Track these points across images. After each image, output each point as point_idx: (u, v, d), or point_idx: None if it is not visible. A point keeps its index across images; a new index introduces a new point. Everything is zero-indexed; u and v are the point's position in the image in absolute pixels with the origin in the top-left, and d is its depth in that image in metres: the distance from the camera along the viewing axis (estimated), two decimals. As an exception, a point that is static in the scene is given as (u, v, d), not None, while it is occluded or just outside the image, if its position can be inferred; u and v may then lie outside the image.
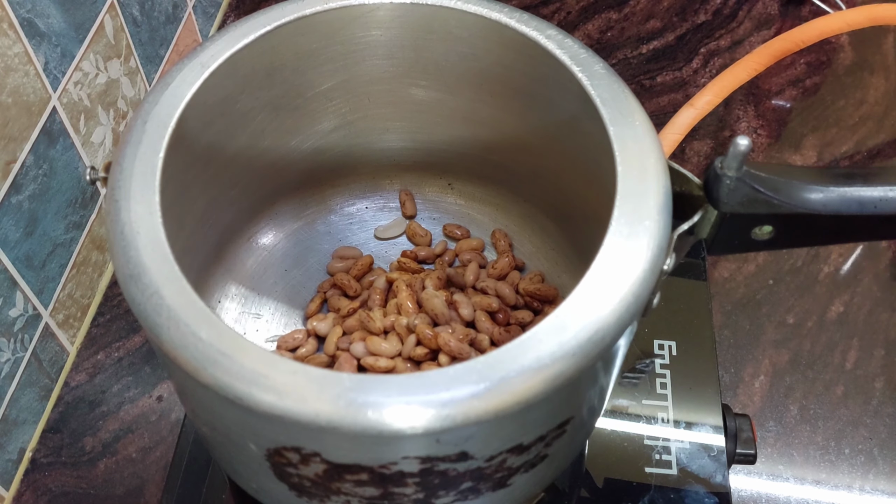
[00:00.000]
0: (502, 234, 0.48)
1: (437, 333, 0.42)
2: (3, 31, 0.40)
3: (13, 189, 0.43)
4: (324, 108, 0.44)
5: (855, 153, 0.63)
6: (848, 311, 0.55)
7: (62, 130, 0.47)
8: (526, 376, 0.27)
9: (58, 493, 0.47)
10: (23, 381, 0.47)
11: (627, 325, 0.29)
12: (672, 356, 0.48)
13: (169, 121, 0.33)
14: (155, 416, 0.49)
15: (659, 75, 0.67)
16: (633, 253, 0.30)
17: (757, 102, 0.66)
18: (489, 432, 0.29)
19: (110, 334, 0.53)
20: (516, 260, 0.48)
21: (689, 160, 0.62)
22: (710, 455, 0.45)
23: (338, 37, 0.40)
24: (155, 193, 0.31)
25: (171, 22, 0.59)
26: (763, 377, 0.52)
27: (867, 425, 0.50)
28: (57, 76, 0.45)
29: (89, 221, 0.51)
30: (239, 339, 0.28)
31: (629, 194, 0.31)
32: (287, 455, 0.30)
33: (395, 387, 0.27)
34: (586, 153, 0.37)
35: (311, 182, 0.48)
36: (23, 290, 0.45)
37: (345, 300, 0.46)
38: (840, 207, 0.33)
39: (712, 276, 0.56)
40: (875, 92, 0.67)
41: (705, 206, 0.33)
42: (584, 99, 0.35)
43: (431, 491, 0.32)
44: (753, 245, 0.35)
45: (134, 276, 0.29)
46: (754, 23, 0.72)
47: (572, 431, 0.34)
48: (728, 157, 0.32)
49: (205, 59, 0.36)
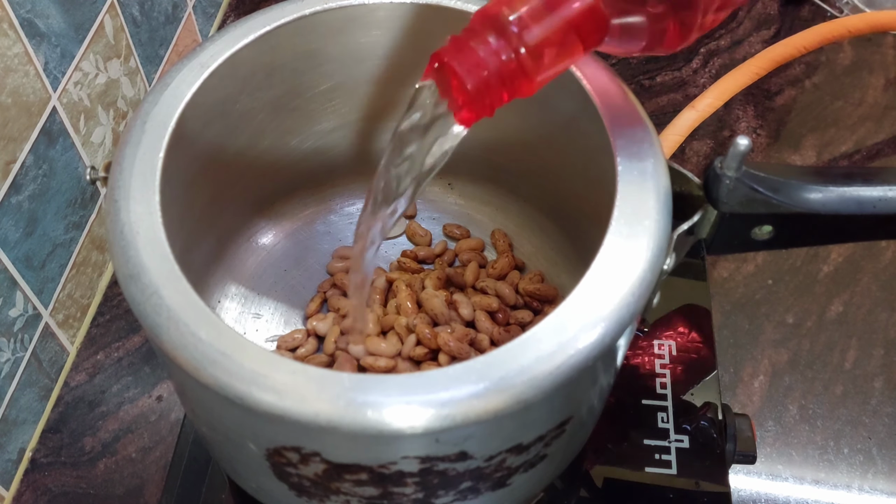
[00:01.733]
0: (502, 234, 0.49)
1: (436, 333, 0.42)
2: (3, 31, 0.40)
3: (13, 189, 0.43)
4: (324, 108, 0.44)
5: (854, 153, 0.63)
6: (847, 311, 0.55)
7: (62, 130, 0.47)
8: (526, 376, 0.27)
9: (58, 493, 0.47)
10: (23, 381, 0.47)
11: (627, 325, 0.29)
12: (672, 356, 0.48)
13: (169, 121, 0.33)
14: (155, 416, 0.49)
15: (659, 75, 0.68)
16: (633, 253, 0.30)
17: (756, 102, 0.66)
18: (489, 432, 0.29)
19: (110, 334, 0.53)
20: (516, 260, 0.48)
21: (689, 160, 0.62)
22: (710, 455, 0.45)
23: (338, 37, 0.40)
24: (155, 193, 0.31)
25: (170, 22, 0.59)
26: (762, 377, 0.52)
27: (866, 425, 0.50)
28: (57, 76, 0.45)
29: (89, 221, 0.51)
30: (239, 338, 0.28)
31: (629, 194, 0.31)
32: (287, 455, 0.30)
33: (395, 387, 0.27)
34: (586, 153, 0.37)
35: (311, 182, 0.48)
36: (23, 290, 0.45)
37: (345, 300, 0.46)
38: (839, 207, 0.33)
39: (712, 276, 0.56)
40: (874, 92, 0.67)
41: (705, 206, 0.33)
42: (584, 99, 0.35)
43: (431, 491, 0.32)
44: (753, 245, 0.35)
45: (134, 276, 0.29)
46: (754, 23, 0.72)
47: (572, 431, 0.34)
48: (728, 157, 0.32)
49: (205, 59, 0.36)
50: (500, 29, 0.28)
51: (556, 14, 0.28)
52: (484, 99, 0.29)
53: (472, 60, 0.28)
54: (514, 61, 0.28)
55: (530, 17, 0.28)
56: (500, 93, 0.29)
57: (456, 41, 0.29)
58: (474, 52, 0.28)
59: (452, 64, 0.29)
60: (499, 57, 0.28)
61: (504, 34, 0.28)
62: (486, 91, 0.29)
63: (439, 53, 0.29)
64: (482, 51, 0.28)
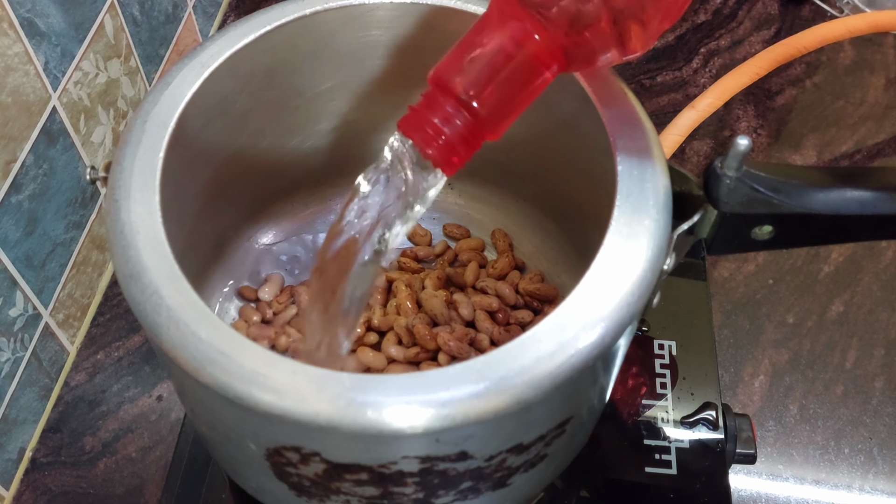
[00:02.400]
0: (502, 233, 0.48)
1: (436, 333, 0.42)
2: (3, 30, 0.40)
3: (13, 189, 0.43)
4: (324, 108, 0.44)
5: (855, 153, 0.63)
6: (848, 311, 0.55)
7: (62, 130, 0.47)
8: (526, 376, 0.27)
9: (58, 493, 0.47)
10: (23, 381, 0.47)
11: (627, 325, 0.29)
12: (672, 356, 0.48)
13: (169, 121, 0.33)
14: (155, 416, 0.49)
15: (659, 75, 0.67)
16: (633, 253, 0.30)
17: (757, 102, 0.66)
18: (489, 432, 0.29)
19: (110, 334, 0.53)
20: (516, 259, 0.48)
21: (689, 160, 0.62)
22: (710, 455, 0.45)
23: (338, 37, 0.40)
24: (155, 193, 0.31)
25: (171, 22, 0.59)
26: (763, 377, 0.52)
27: (867, 425, 0.50)
28: (57, 76, 0.45)
29: (89, 221, 0.51)
30: (239, 338, 0.28)
31: (629, 194, 0.31)
32: (287, 455, 0.30)
33: (395, 386, 0.27)
34: (586, 153, 0.37)
35: (311, 182, 0.48)
36: (23, 290, 0.45)
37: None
38: (840, 207, 0.33)
39: (712, 276, 0.56)
40: (875, 92, 0.67)
41: (705, 206, 0.33)
42: (584, 99, 0.35)
43: (431, 490, 0.32)
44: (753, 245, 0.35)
45: (134, 275, 0.29)
46: (754, 23, 0.72)
47: (572, 431, 0.34)
48: (728, 157, 0.32)
49: (205, 59, 0.36)
50: (451, 93, 0.31)
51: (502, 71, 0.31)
52: (449, 158, 0.32)
53: (427, 131, 0.31)
54: (471, 121, 0.31)
55: (478, 80, 0.31)
56: (463, 150, 0.32)
57: (414, 112, 0.32)
58: (430, 122, 0.31)
59: (412, 136, 0.32)
60: (453, 122, 0.31)
61: (456, 98, 0.31)
62: (449, 152, 0.32)
63: (401, 124, 0.32)
64: (437, 119, 0.31)
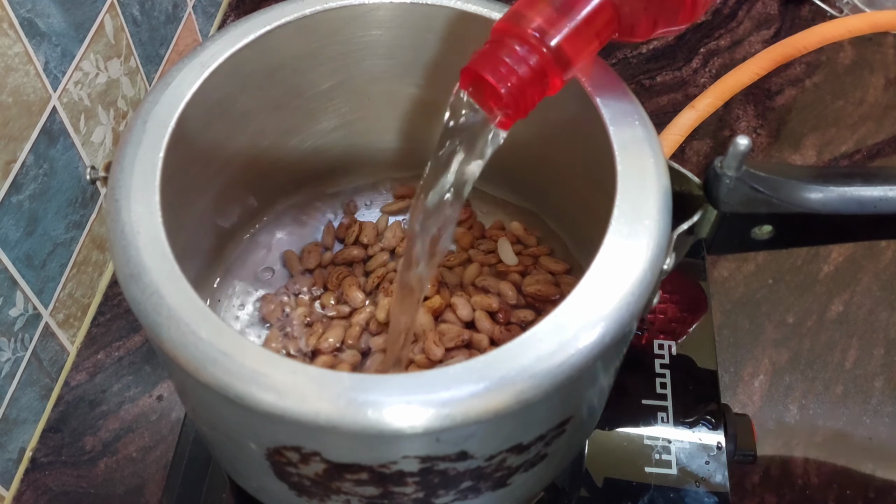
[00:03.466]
0: (503, 233, 0.48)
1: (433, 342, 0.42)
2: (3, 30, 0.40)
3: (13, 189, 0.43)
4: (324, 108, 0.44)
5: (855, 153, 0.63)
6: (848, 311, 0.55)
7: (62, 130, 0.47)
8: (526, 376, 0.27)
9: (58, 493, 0.47)
10: (23, 381, 0.47)
11: (627, 325, 0.29)
12: (672, 356, 0.48)
13: (169, 121, 0.33)
14: (155, 416, 0.49)
15: (659, 75, 0.67)
16: (632, 253, 0.30)
17: (757, 102, 0.66)
18: (489, 432, 0.29)
19: (110, 334, 0.53)
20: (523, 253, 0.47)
21: (689, 160, 0.62)
22: (710, 455, 0.45)
23: (338, 37, 0.40)
24: (155, 193, 0.31)
25: (171, 22, 0.59)
26: (763, 376, 0.52)
27: (867, 425, 0.50)
28: (57, 76, 0.45)
29: (89, 221, 0.51)
30: (239, 338, 0.28)
31: (629, 194, 0.31)
32: (287, 454, 0.30)
33: (395, 386, 0.27)
34: (586, 153, 0.37)
35: (311, 182, 0.48)
36: (23, 290, 0.45)
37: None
38: (840, 207, 0.33)
39: (712, 275, 0.56)
40: (875, 91, 0.67)
41: (705, 206, 0.33)
42: (584, 99, 0.35)
43: (431, 490, 0.32)
44: (753, 245, 0.35)
45: (134, 275, 0.29)
46: (754, 23, 0.72)
47: (572, 431, 0.34)
48: (728, 157, 0.32)
49: (205, 59, 0.36)
50: (522, 37, 0.30)
51: (570, 15, 0.30)
52: (518, 103, 0.31)
53: (502, 69, 0.30)
54: (540, 64, 0.30)
55: (547, 22, 0.30)
56: (532, 95, 0.31)
57: (483, 54, 0.31)
58: (503, 62, 0.30)
59: (484, 75, 0.31)
60: (527, 62, 0.30)
61: (526, 41, 0.30)
62: (519, 95, 0.31)
63: (470, 67, 0.31)
64: (510, 59, 0.30)
